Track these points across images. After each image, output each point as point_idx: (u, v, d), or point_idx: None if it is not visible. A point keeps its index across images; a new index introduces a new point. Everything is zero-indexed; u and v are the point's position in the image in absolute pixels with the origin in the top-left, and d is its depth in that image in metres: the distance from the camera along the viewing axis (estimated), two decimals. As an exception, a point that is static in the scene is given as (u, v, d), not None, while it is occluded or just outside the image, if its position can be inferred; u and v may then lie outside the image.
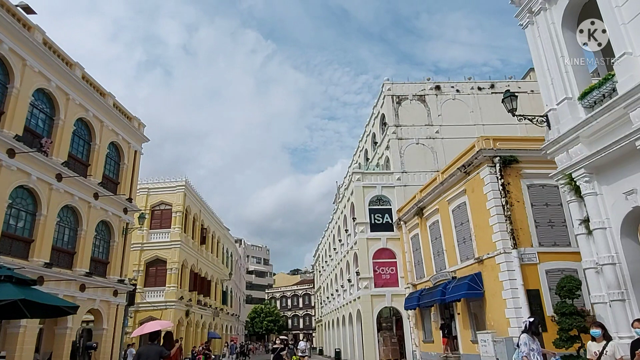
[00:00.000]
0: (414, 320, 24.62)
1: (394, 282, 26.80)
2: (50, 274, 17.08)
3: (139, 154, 25.25)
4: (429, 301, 20.84)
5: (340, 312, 35.35)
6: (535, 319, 7.84)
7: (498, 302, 16.27)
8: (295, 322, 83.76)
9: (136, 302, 28.57)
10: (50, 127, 18.76)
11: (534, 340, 7.37)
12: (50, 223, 17.65)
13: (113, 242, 22.06)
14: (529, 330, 7.61)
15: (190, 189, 34.13)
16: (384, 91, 31.72)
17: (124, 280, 22.27)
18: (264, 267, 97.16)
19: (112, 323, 21.10)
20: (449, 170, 20.38)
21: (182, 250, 31.44)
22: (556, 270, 16.00)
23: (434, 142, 30.02)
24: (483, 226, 17.49)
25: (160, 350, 9.28)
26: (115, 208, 22.27)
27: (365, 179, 29.08)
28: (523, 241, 16.31)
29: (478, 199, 17.89)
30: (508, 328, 15.61)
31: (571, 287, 12.09)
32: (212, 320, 39.15)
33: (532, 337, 7.42)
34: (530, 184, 17.23)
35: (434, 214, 22.11)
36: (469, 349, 18.25)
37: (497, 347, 15.43)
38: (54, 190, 17.93)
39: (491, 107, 30.61)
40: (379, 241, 27.53)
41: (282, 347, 17.81)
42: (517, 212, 16.70)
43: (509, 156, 17.28)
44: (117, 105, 23.41)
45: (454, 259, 19.90)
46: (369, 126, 37.10)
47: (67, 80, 19.33)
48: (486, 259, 17.16)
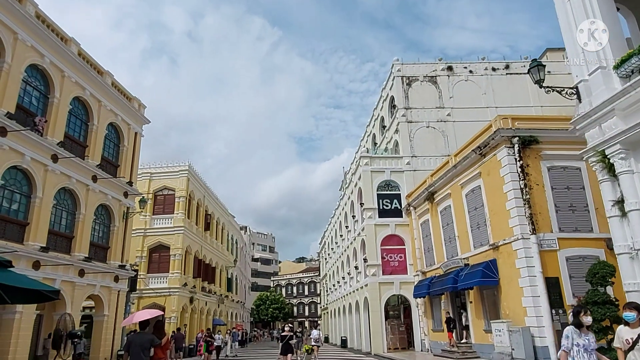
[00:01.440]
0: (423, 308, 23.85)
1: (403, 269, 25.98)
2: (47, 259, 16.42)
3: (139, 136, 24.45)
4: (439, 289, 20.03)
5: (346, 300, 34.68)
6: (576, 307, 6.31)
7: (514, 290, 15.40)
8: (301, 310, 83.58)
9: (139, 288, 28.07)
10: (44, 105, 17.97)
11: (582, 335, 5.86)
12: (46, 206, 16.95)
13: (113, 227, 21.39)
14: (574, 322, 6.06)
15: (193, 174, 33.37)
16: (394, 72, 30.56)
17: (125, 265, 21.65)
18: (270, 254, 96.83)
19: (114, 309, 20.55)
20: (463, 153, 19.39)
21: (186, 236, 30.79)
22: (577, 257, 15.09)
23: (445, 125, 28.92)
24: (499, 211, 16.55)
25: (151, 339, 9.12)
26: (115, 191, 21.55)
27: (373, 163, 28.12)
28: (542, 226, 15.37)
29: (494, 182, 16.92)
30: (525, 317, 14.76)
31: (604, 273, 11.18)
32: (217, 307, 38.71)
33: (578, 330, 5.90)
34: (550, 166, 16.23)
35: (445, 198, 21.18)
36: (482, 338, 17.45)
37: (512, 337, 14.60)
38: (49, 171, 17.20)
39: (505, 89, 29.44)
40: (387, 227, 26.66)
41: (291, 335, 16.14)
42: (536, 195, 15.74)
43: (529, 136, 16.26)
44: (116, 85, 22.56)
45: (466, 246, 19.01)
46: (377, 110, 36.00)
47: (61, 56, 18.48)
48: (502, 245, 16.25)
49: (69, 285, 17.70)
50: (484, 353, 17.05)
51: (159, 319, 11.17)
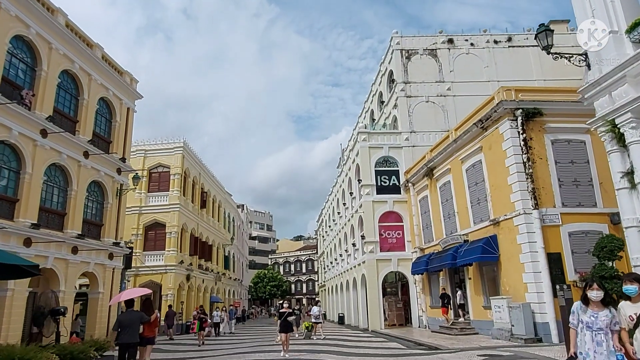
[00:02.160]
0: (421, 285, 23.75)
1: (401, 246, 25.79)
2: (38, 235, 16.01)
3: (132, 112, 23.82)
4: (437, 265, 19.85)
5: (344, 277, 34.67)
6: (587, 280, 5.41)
7: (515, 266, 15.17)
8: (299, 287, 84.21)
9: (135, 266, 27.87)
10: (32, 79, 17.29)
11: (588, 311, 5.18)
12: (37, 182, 16.47)
13: (107, 204, 20.96)
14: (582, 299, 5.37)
15: (188, 151, 32.81)
16: (393, 45, 29.77)
17: (119, 243, 21.30)
18: (267, 232, 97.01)
19: (109, 287, 20.28)
20: (464, 127, 18.93)
21: (182, 213, 30.45)
22: (580, 232, 14.83)
23: (445, 99, 28.32)
24: (501, 186, 16.20)
25: (140, 316, 9.57)
26: (108, 168, 21.05)
27: (371, 139, 27.62)
28: (545, 201, 15.05)
29: (496, 156, 16.52)
30: (525, 294, 14.58)
31: (612, 247, 10.90)
32: (214, 284, 38.69)
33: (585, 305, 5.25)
34: (554, 139, 15.82)
35: (445, 174, 20.80)
36: (481, 315, 17.33)
37: (512, 314, 14.44)
38: (38, 147, 16.64)
39: (508, 62, 28.75)
40: (385, 204, 26.35)
41: (290, 311, 14.84)
42: (540, 170, 15.38)
43: (533, 109, 15.80)
44: (107, 58, 21.81)
45: (466, 222, 18.73)
46: (375, 85, 35.28)
47: (48, 27, 17.71)
48: (503, 220, 15.96)
49: (62, 263, 17.37)
50: (482, 329, 16.95)
51: (148, 297, 11.27)
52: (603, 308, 5.19)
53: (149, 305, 10.59)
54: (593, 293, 5.18)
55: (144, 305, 10.56)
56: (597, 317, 5.13)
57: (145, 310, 10.26)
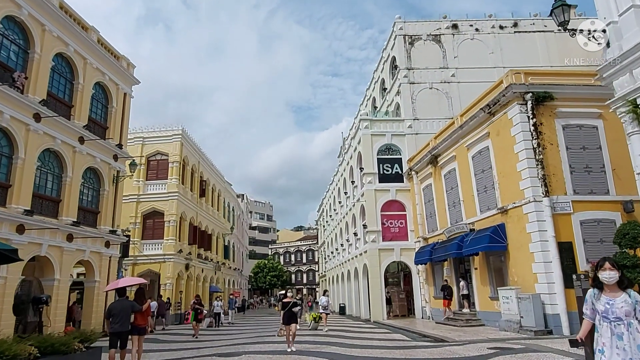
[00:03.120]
0: (424, 275, 23.31)
1: (404, 235, 25.31)
2: (32, 222, 15.54)
3: (129, 97, 23.21)
4: (442, 255, 19.38)
5: (345, 267, 34.26)
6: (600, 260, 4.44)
7: (524, 255, 14.68)
8: (299, 277, 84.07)
9: (133, 255, 27.48)
10: (24, 61, 16.73)
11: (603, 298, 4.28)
12: (30, 168, 15.96)
13: (103, 191, 20.46)
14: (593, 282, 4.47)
15: (187, 139, 32.22)
16: (395, 31, 29.03)
17: (116, 231, 20.83)
18: (267, 223, 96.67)
19: (105, 275, 19.86)
20: (470, 112, 18.33)
21: (180, 202, 29.94)
22: (592, 220, 14.33)
23: (449, 86, 27.66)
24: (509, 173, 15.66)
25: (131, 305, 9.49)
26: (104, 154, 20.52)
27: (373, 126, 27.01)
28: (555, 189, 14.52)
29: (504, 142, 15.95)
30: (535, 284, 14.11)
31: (635, 234, 10.36)
32: (213, 274, 38.31)
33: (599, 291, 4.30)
34: (565, 125, 15.25)
35: (450, 161, 20.25)
36: (487, 306, 16.88)
37: (522, 305, 13.97)
38: (31, 131, 16.13)
39: (514, 48, 28.03)
40: (387, 193, 25.83)
41: (294, 301, 12.95)
42: (550, 156, 14.82)
43: (543, 92, 15.21)
44: (103, 42, 21.18)
45: (472, 210, 18.22)
46: (377, 72, 34.56)
47: (42, 9, 17.12)
48: (511, 208, 15.44)
49: (56, 251, 16.92)
50: (489, 321, 16.52)
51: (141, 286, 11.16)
52: (620, 292, 4.21)
53: (141, 294, 10.47)
54: (605, 274, 4.21)
55: (136, 294, 10.45)
56: (613, 304, 4.16)
57: (138, 299, 10.12)
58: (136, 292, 10.67)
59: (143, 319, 10.24)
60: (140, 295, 10.47)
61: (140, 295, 10.41)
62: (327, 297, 21.00)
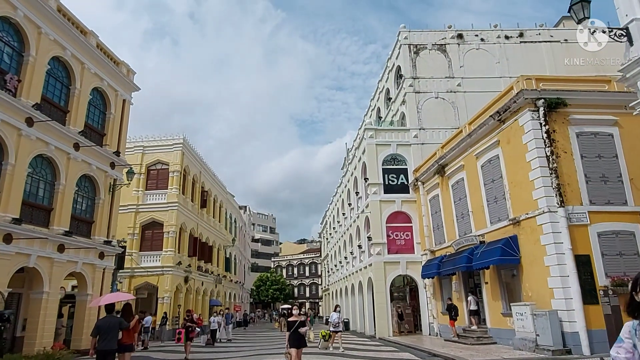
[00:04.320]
0: (431, 290, 22.37)
1: (409, 248, 24.45)
2: (20, 231, 14.85)
3: (128, 104, 22.67)
4: (450, 269, 18.50)
5: (349, 281, 33.31)
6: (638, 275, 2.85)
7: (539, 269, 13.83)
8: (302, 291, 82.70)
9: (130, 267, 26.72)
10: (18, 64, 16.23)
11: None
12: (20, 174, 15.33)
13: (98, 200, 19.78)
14: (629, 308, 2.86)
15: (188, 148, 31.66)
16: (400, 40, 28.54)
17: (111, 241, 20.10)
18: (270, 235, 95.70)
19: (98, 288, 19.06)
20: (479, 120, 17.64)
21: (180, 212, 29.24)
22: (610, 232, 13.50)
23: (456, 96, 27.04)
24: (521, 182, 14.88)
25: (119, 322, 9.05)
26: (100, 162, 19.90)
27: (378, 136, 26.36)
28: (571, 199, 13.73)
29: (515, 150, 15.22)
30: (551, 300, 13.24)
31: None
32: (214, 287, 37.39)
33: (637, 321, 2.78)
34: (579, 132, 14.52)
35: (458, 171, 19.50)
36: (499, 322, 15.96)
37: (537, 322, 13.08)
38: (23, 136, 15.55)
39: (520, 58, 27.45)
40: (393, 204, 25.04)
41: (302, 320, 10.35)
42: (564, 164, 14.07)
43: (556, 98, 14.51)
44: (102, 47, 20.72)
45: (482, 222, 17.40)
46: (382, 82, 34.04)
47: (38, 11, 16.69)
48: (524, 219, 14.63)
49: (46, 262, 16.19)
50: (502, 338, 15.58)
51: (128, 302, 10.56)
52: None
53: (128, 310, 9.86)
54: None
55: (123, 311, 9.85)
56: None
57: (125, 316, 9.53)
58: (123, 308, 10.01)
59: (130, 336, 9.73)
60: (128, 311, 9.87)
61: (128, 312, 9.83)
62: (339, 314, 18.27)
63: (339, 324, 17.53)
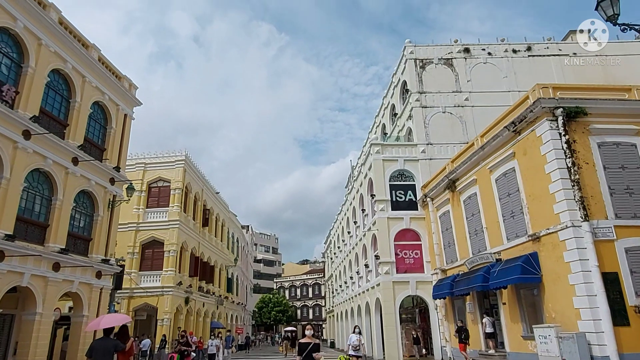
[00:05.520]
0: (443, 311, 21.35)
1: (419, 267, 23.52)
2: (13, 249, 14.09)
3: (129, 119, 22.17)
4: (464, 288, 17.57)
5: (355, 302, 32.21)
6: None
7: (563, 288, 12.95)
8: (305, 313, 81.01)
9: (130, 287, 25.81)
10: (17, 75, 15.74)
11: None
12: (15, 189, 14.66)
13: (97, 217, 19.06)
14: None
15: (190, 165, 31.08)
16: (406, 54, 28.22)
17: (109, 260, 19.28)
18: (273, 255, 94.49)
19: (95, 309, 18.17)
20: (492, 132, 16.99)
21: (181, 230, 28.46)
22: (638, 248, 12.65)
23: (463, 110, 26.52)
24: (540, 195, 14.14)
25: (115, 344, 8.80)
26: (100, 177, 19.25)
27: (385, 151, 25.74)
28: (595, 212, 12.96)
29: (533, 162, 14.52)
30: (578, 321, 12.33)
31: None
32: (215, 308, 36.29)
33: None
34: (601, 142, 13.84)
35: (470, 185, 18.77)
36: (520, 346, 14.97)
37: (563, 345, 12.15)
38: (19, 149, 14.95)
39: (528, 72, 27.00)
40: (401, 221, 24.23)
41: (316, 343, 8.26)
42: (586, 176, 13.35)
43: (575, 107, 13.88)
44: (103, 61, 20.34)
45: (497, 238, 16.57)
46: (387, 98, 33.64)
47: (39, 22, 16.32)
48: (545, 235, 13.82)
49: (40, 281, 15.38)
50: (523, 363, 14.59)
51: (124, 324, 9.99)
52: None
53: (124, 332, 9.66)
54: None
55: (119, 332, 9.63)
56: None
57: (121, 338, 9.26)
58: (119, 330, 9.74)
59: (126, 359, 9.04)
60: (124, 333, 9.58)
61: (124, 334, 9.58)
62: (359, 335, 15.93)
63: (359, 346, 15.33)
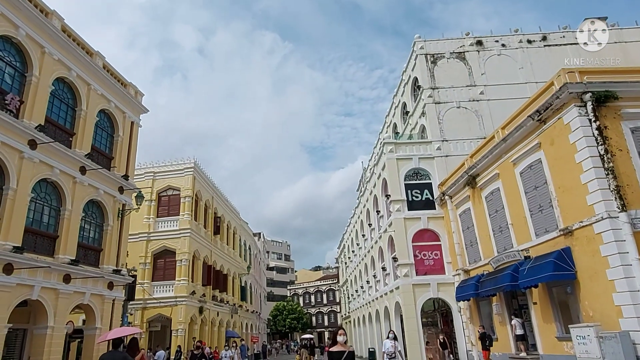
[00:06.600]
0: (467, 313, 20.47)
1: (439, 268, 22.69)
2: (22, 261, 13.64)
3: (136, 126, 21.76)
4: (491, 289, 16.73)
5: (372, 306, 31.39)
6: None
7: (601, 284, 12.11)
8: (320, 320, 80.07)
9: (143, 297, 25.30)
10: (21, 84, 15.38)
11: None
12: (22, 199, 14.22)
13: (107, 226, 18.59)
14: None
15: (200, 172, 30.61)
16: (416, 50, 27.55)
17: (120, 270, 18.78)
18: (285, 263, 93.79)
19: (108, 321, 17.64)
20: (514, 122, 16.22)
21: (193, 239, 27.92)
22: (682, 238, 11.77)
23: (479, 104, 25.73)
24: (571, 186, 13.33)
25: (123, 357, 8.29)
26: (108, 186, 18.80)
27: (398, 150, 25.02)
28: (632, 202, 12.13)
29: (561, 151, 13.73)
30: (619, 319, 11.48)
31: None
32: (229, 317, 35.65)
33: None
34: (634, 128, 13.05)
35: (492, 180, 17.98)
36: (554, 348, 14.09)
37: (605, 345, 11.32)
38: (26, 159, 14.52)
39: (545, 62, 26.14)
40: (418, 221, 23.45)
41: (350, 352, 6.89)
42: (621, 164, 12.54)
43: (605, 91, 13.10)
44: (108, 68, 19.97)
45: (525, 234, 15.75)
46: (397, 96, 32.96)
47: (41, 30, 15.97)
48: (578, 228, 12.99)
49: (51, 293, 14.89)
50: (559, 366, 13.72)
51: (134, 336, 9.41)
52: None
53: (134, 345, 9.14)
54: None
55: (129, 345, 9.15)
56: None
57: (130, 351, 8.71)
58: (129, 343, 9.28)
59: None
60: (134, 345, 9.08)
61: (133, 346, 9.08)
62: (394, 342, 14.73)
63: (395, 353, 14.19)
